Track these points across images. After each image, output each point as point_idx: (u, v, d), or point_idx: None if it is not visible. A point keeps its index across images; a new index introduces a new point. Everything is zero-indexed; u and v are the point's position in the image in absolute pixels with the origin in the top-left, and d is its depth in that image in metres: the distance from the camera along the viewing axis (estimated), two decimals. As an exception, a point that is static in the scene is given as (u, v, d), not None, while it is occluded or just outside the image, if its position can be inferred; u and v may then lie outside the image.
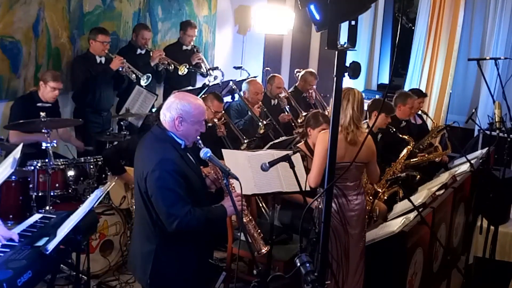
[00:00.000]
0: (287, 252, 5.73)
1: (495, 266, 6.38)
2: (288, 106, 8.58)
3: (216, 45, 10.18)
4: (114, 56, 7.46)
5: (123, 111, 7.65)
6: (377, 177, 5.57)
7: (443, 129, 8.25)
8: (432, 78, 10.68)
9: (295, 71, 9.47)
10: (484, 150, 7.09)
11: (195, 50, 8.77)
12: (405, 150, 7.19)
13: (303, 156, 5.74)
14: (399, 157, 7.16)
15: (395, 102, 7.76)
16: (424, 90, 10.02)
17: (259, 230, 4.77)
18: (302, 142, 6.25)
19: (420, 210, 5.05)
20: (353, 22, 2.98)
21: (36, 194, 6.10)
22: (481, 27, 10.42)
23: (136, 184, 4.21)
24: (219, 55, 10.21)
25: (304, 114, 7.67)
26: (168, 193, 3.98)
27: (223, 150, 5.17)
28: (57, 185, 6.25)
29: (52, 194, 6.11)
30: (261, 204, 6.39)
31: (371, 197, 6.47)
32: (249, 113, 7.87)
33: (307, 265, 3.25)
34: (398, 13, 11.88)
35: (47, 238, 4.51)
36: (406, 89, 9.61)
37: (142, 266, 4.23)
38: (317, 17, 2.90)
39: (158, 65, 8.13)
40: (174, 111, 4.12)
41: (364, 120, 6.45)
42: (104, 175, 6.59)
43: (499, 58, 7.25)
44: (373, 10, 11.48)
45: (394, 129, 7.16)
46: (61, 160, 6.38)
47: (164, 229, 4.05)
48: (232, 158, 5.09)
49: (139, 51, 8.09)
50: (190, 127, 4.15)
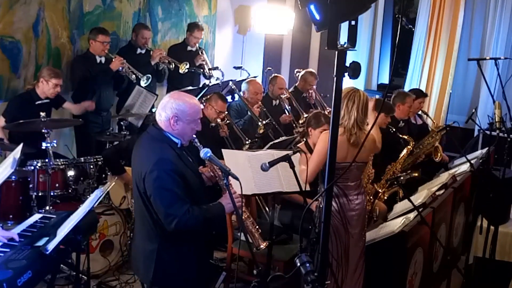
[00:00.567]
0: (287, 252, 5.73)
1: (495, 266, 6.37)
2: (289, 106, 8.58)
3: (216, 45, 10.18)
4: (114, 57, 7.47)
5: (123, 111, 7.67)
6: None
7: (443, 129, 8.24)
8: (432, 78, 10.69)
9: (295, 71, 9.46)
10: (484, 150, 7.09)
11: (199, 51, 8.77)
12: (405, 150, 7.20)
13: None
14: (399, 157, 7.17)
15: (393, 101, 7.75)
16: (424, 90, 10.03)
17: (257, 226, 4.79)
18: (302, 142, 6.25)
19: (420, 210, 5.06)
20: (353, 22, 2.99)
21: (36, 194, 6.10)
22: (481, 27, 10.43)
23: (134, 185, 4.22)
24: (219, 55, 10.22)
25: (306, 115, 7.66)
26: (166, 193, 4.00)
27: (223, 150, 5.17)
28: (57, 185, 6.25)
29: (52, 194, 6.12)
30: (261, 204, 6.40)
31: (371, 197, 6.48)
32: (249, 113, 7.87)
33: (307, 265, 3.25)
34: (398, 13, 11.89)
35: (47, 238, 4.52)
36: (406, 89, 9.63)
37: (145, 266, 4.25)
38: (317, 17, 2.90)
39: (158, 64, 8.13)
40: (169, 110, 4.14)
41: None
42: (104, 175, 6.59)
43: (499, 58, 7.25)
44: (373, 10, 11.49)
45: (394, 129, 7.16)
46: (61, 160, 6.38)
47: (165, 228, 4.07)
48: (232, 158, 5.09)
49: (139, 51, 8.10)
50: (186, 126, 4.17)
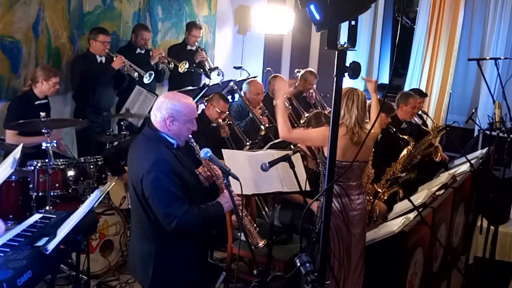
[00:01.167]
0: (287, 252, 5.73)
1: (495, 266, 6.38)
2: (290, 106, 8.58)
3: (216, 45, 10.19)
4: (115, 56, 7.47)
5: (123, 111, 7.67)
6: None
7: (443, 129, 8.25)
8: (432, 78, 10.69)
9: (295, 71, 9.46)
10: (484, 150, 7.09)
11: (199, 50, 8.78)
12: (405, 150, 7.20)
13: (303, 156, 5.75)
14: (399, 157, 7.17)
15: (397, 102, 7.76)
16: (424, 90, 10.03)
17: (255, 225, 4.79)
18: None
19: (420, 210, 5.06)
20: (353, 22, 2.98)
21: (36, 194, 6.10)
22: (481, 27, 10.43)
23: (131, 187, 4.20)
24: (219, 55, 10.22)
25: (307, 115, 7.66)
26: (164, 194, 3.98)
27: (223, 150, 5.17)
28: (57, 185, 6.24)
29: (52, 194, 6.11)
30: (261, 204, 6.40)
31: (371, 197, 6.48)
32: (250, 115, 7.85)
33: (307, 265, 3.25)
34: (398, 13, 11.89)
35: (47, 238, 4.51)
36: (406, 89, 9.64)
37: (143, 267, 4.22)
38: (317, 17, 2.90)
39: (158, 64, 8.14)
40: (164, 111, 4.12)
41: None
42: (104, 175, 6.59)
43: (499, 58, 7.26)
44: (373, 10, 11.50)
45: (394, 129, 7.17)
46: (61, 160, 6.38)
47: (162, 229, 4.04)
48: (232, 158, 5.09)
49: (138, 51, 8.09)
50: (182, 126, 4.15)
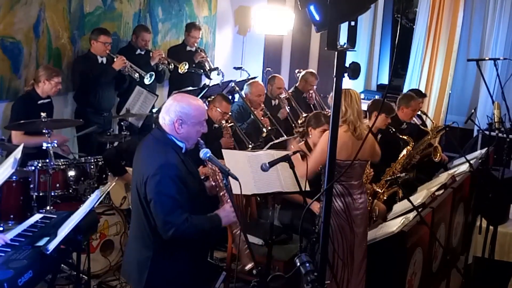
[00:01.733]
0: (287, 252, 5.73)
1: (494, 266, 6.38)
2: (288, 107, 8.60)
3: (216, 46, 10.19)
4: (116, 56, 7.47)
5: (123, 111, 7.66)
6: (379, 156, 5.61)
7: (442, 129, 8.25)
8: (431, 78, 10.70)
9: (296, 71, 9.48)
10: (483, 150, 7.10)
11: (199, 51, 8.78)
12: (404, 151, 7.22)
13: (303, 156, 5.74)
14: (399, 158, 7.18)
15: (398, 103, 7.77)
16: (423, 91, 10.03)
17: (246, 245, 4.69)
18: (302, 142, 6.25)
19: (420, 210, 5.06)
20: (352, 23, 2.98)
21: (37, 194, 6.09)
22: (480, 28, 10.44)
23: (134, 189, 4.11)
24: (219, 56, 10.23)
25: (305, 115, 7.67)
26: (167, 200, 3.89)
27: (223, 151, 5.16)
28: (57, 185, 6.24)
29: (52, 194, 6.11)
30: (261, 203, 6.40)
31: (370, 197, 6.48)
32: (252, 116, 7.84)
33: (307, 265, 3.25)
34: (397, 14, 11.89)
35: (48, 238, 4.52)
36: (405, 90, 9.65)
37: (138, 273, 4.14)
38: (317, 17, 2.90)
39: (158, 65, 8.14)
40: (173, 114, 4.03)
41: (364, 121, 6.48)
42: (104, 175, 6.58)
43: (498, 59, 7.26)
44: (372, 11, 11.50)
45: (393, 130, 7.17)
46: (61, 160, 6.38)
47: (162, 236, 3.97)
48: (232, 158, 5.09)
49: (138, 51, 8.08)
50: (191, 129, 4.07)
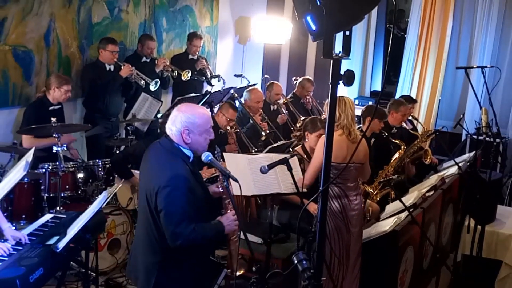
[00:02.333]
0: (285, 250, 5.73)
1: (482, 263, 6.38)
2: (286, 111, 8.62)
3: (218, 54, 10.19)
4: (123, 64, 7.48)
5: (129, 116, 7.67)
6: (368, 176, 5.63)
7: (432, 134, 8.25)
8: (422, 85, 10.70)
9: (293, 78, 9.49)
10: (472, 154, 7.09)
11: (200, 59, 8.78)
12: (397, 154, 7.23)
13: (300, 159, 5.75)
14: (391, 160, 7.19)
15: (388, 109, 7.77)
16: (414, 97, 10.06)
17: (240, 255, 4.63)
18: (300, 145, 6.25)
19: (411, 210, 5.07)
20: (347, 33, 2.98)
21: (48, 195, 6.10)
22: (469, 37, 10.44)
23: (143, 196, 4.04)
24: (220, 64, 10.23)
25: (302, 118, 7.68)
26: (176, 211, 3.82)
27: (225, 154, 5.18)
28: (67, 186, 6.25)
29: (62, 195, 6.12)
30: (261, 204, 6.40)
31: (362, 198, 6.48)
32: (251, 121, 7.86)
33: (304, 262, 3.25)
34: (390, 24, 11.90)
35: (58, 237, 4.53)
36: (397, 96, 9.65)
37: (145, 277, 4.08)
38: (313, 27, 2.90)
39: (162, 72, 8.14)
40: (179, 124, 3.97)
41: (358, 126, 6.49)
42: (111, 178, 6.58)
43: (486, 67, 7.29)
44: (366, 21, 11.51)
45: (386, 134, 7.18)
46: (71, 163, 6.39)
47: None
48: (233, 161, 5.09)
49: (144, 59, 8.08)
50: (199, 137, 4.00)
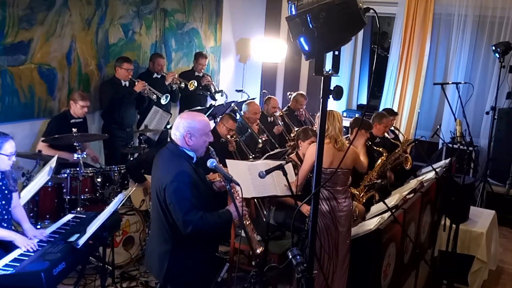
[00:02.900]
0: (281, 247, 5.73)
1: (457, 258, 6.37)
2: (282, 122, 8.64)
3: (221, 72, 10.20)
4: (137, 81, 7.50)
5: (142, 127, 7.70)
6: (365, 169, 5.67)
7: (412, 142, 8.27)
8: (403, 99, 10.69)
9: (288, 93, 9.50)
10: (447, 160, 7.10)
11: (205, 75, 8.80)
12: (379, 160, 7.23)
13: (294, 165, 5.76)
14: (375, 166, 7.19)
15: (372, 121, 7.78)
16: (396, 110, 10.06)
17: (256, 233, 4.77)
18: (294, 153, 6.26)
19: (393, 211, 5.07)
20: (336, 52, 2.99)
21: (69, 197, 6.10)
22: (444, 56, 10.44)
23: (154, 194, 4.17)
24: (223, 80, 10.24)
25: (296, 129, 7.70)
26: (184, 202, 3.95)
27: (227, 161, 5.19)
28: (86, 189, 6.26)
29: (82, 197, 6.11)
30: (259, 206, 6.39)
31: (351, 201, 6.48)
32: (249, 130, 7.90)
33: (298, 257, 3.25)
34: (374, 45, 11.91)
35: (78, 235, 4.53)
36: (381, 109, 9.65)
37: (159, 265, 4.19)
38: (306, 48, 2.90)
39: (172, 85, 8.15)
40: (182, 129, 4.13)
41: (346, 135, 6.50)
42: (126, 181, 6.59)
43: (460, 83, 7.33)
44: (353, 42, 11.51)
45: (370, 143, 7.19)
46: (89, 168, 6.40)
47: (179, 232, 4.02)
48: (235, 166, 5.10)
49: (155, 75, 8.09)
50: (199, 140, 4.15)
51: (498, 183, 9.08)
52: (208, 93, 8.81)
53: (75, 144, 6.04)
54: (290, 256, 3.28)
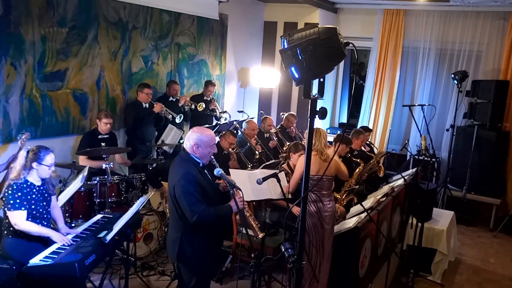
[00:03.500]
0: (275, 242, 5.73)
1: (422, 251, 6.39)
2: (276, 138, 8.65)
3: (225, 95, 10.21)
4: (155, 103, 7.52)
5: (159, 142, 7.71)
6: (346, 176, 5.66)
7: (384, 154, 8.28)
8: (377, 118, 10.71)
9: (281, 113, 9.50)
10: (414, 170, 7.09)
11: (212, 100, 8.82)
12: (357, 169, 7.24)
13: (286, 174, 5.77)
14: (353, 174, 7.20)
15: (351, 136, 7.80)
16: (371, 127, 10.10)
17: (257, 222, 4.82)
18: (285, 163, 6.27)
19: (369, 211, 5.07)
20: (321, 79, 3.00)
21: (99, 200, 6.11)
22: (412, 82, 10.48)
23: (169, 192, 4.23)
24: (227, 102, 10.24)
25: (288, 143, 7.71)
26: (189, 196, 4.03)
27: (230, 170, 5.21)
28: (113, 194, 6.27)
29: (109, 200, 6.13)
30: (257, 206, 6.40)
31: (334, 203, 6.47)
32: (248, 144, 7.94)
33: (289, 250, 3.27)
34: (353, 74, 11.93)
35: (106, 231, 4.54)
36: (358, 126, 9.67)
37: (172, 248, 4.27)
38: (296, 76, 2.91)
39: (184, 107, 8.17)
40: (192, 140, 4.24)
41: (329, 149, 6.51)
42: (146, 187, 6.59)
43: (424, 105, 7.37)
44: (335, 71, 11.56)
45: (349, 155, 7.22)
46: (116, 176, 6.40)
47: (188, 222, 4.08)
48: (237, 175, 5.11)
49: (170, 99, 8.11)
50: (205, 150, 4.25)
51: (456, 189, 9.09)
52: (214, 113, 8.83)
53: (103, 156, 6.07)
54: (283, 249, 3.30)
